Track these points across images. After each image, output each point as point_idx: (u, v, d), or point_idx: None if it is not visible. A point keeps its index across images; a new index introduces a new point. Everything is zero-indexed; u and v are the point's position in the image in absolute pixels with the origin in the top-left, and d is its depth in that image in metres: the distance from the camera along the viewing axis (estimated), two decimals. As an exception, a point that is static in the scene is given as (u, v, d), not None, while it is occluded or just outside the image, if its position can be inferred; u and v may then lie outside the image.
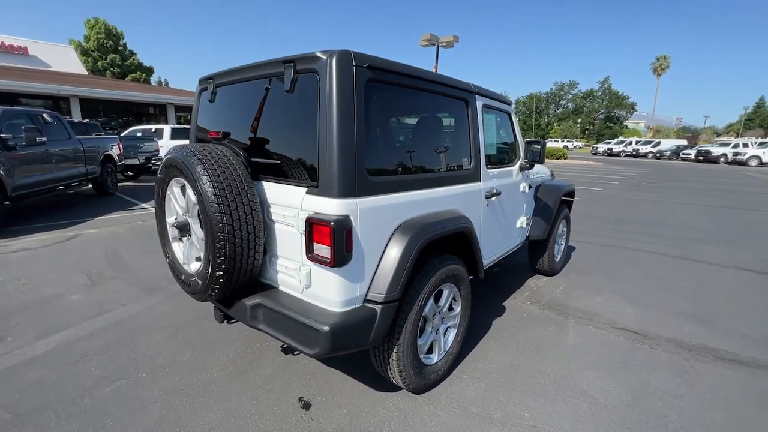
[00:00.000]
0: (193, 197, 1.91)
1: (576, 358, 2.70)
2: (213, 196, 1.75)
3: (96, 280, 3.96)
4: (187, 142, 2.94)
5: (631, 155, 35.89)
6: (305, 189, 1.82)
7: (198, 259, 2.08)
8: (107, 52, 35.86)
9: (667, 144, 34.82)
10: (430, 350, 2.36)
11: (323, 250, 1.71)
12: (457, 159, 2.56)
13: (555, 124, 71.06)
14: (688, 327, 3.16)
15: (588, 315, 3.36)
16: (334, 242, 1.66)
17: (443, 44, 19.28)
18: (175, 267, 2.18)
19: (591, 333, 3.05)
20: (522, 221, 3.51)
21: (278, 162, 1.97)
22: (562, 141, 50.42)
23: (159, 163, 12.22)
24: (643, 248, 5.46)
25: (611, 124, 65.19)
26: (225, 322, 2.35)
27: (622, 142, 38.48)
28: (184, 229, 2.09)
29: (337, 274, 1.77)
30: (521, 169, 3.35)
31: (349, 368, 2.52)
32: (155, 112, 23.94)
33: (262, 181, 2.02)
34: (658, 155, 33.67)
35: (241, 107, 2.25)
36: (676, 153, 32.17)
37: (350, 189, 1.73)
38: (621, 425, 2.06)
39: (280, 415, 2.11)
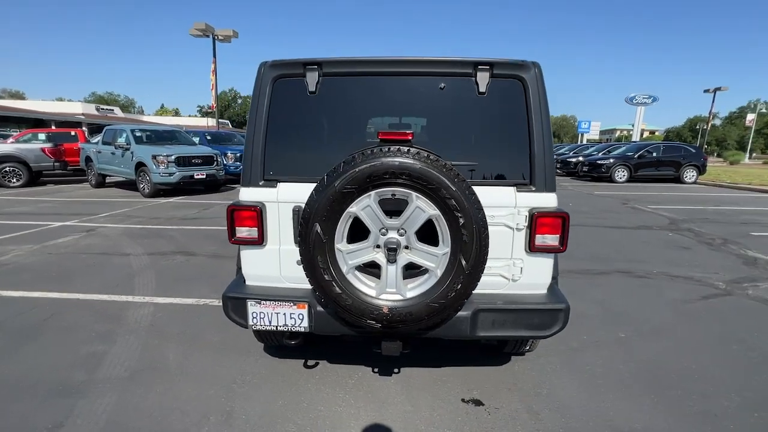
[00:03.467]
0: (429, 209, 1.60)
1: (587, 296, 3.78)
2: (476, 201, 1.60)
3: None
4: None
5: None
6: (514, 188, 1.92)
7: (417, 279, 1.74)
8: None
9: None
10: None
11: (550, 239, 1.91)
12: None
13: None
14: (592, 264, 4.84)
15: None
16: (564, 230, 1.91)
17: (220, 38, 17.72)
18: (359, 308, 1.70)
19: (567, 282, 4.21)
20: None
21: (475, 163, 1.92)
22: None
23: None
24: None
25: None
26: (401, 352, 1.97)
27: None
28: (394, 250, 1.66)
29: (552, 258, 2.00)
30: None
31: (433, 358, 2.63)
32: None
33: None
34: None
35: (387, 104, 1.94)
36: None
37: (554, 185, 1.99)
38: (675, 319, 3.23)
39: (468, 423, 2.07)
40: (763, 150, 60.73)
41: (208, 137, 14.15)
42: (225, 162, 12.41)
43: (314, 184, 1.81)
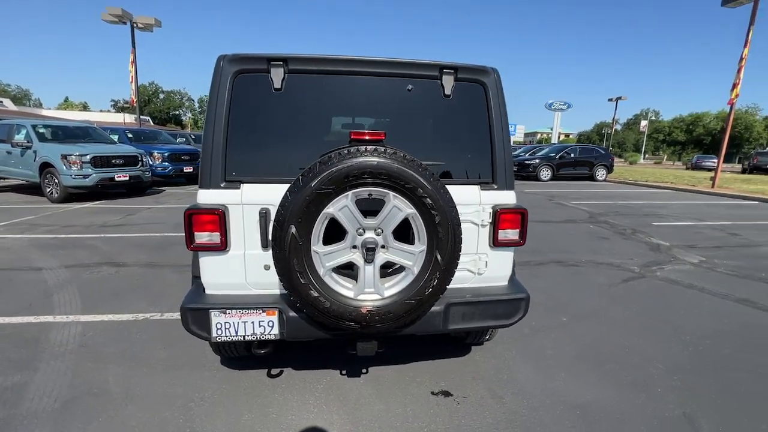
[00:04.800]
0: (406, 208, 1.62)
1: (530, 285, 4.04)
2: (450, 199, 1.66)
3: None
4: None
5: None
6: (478, 186, 2.02)
7: (393, 278, 1.74)
8: None
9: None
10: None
11: (511, 233, 2.05)
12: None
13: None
14: (531, 256, 5.22)
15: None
16: (523, 225, 2.06)
17: (139, 25, 16.14)
18: (338, 310, 1.66)
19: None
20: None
21: (442, 163, 1.98)
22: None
23: None
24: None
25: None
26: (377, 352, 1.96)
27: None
28: (372, 250, 1.64)
29: (512, 252, 2.14)
30: None
31: (399, 355, 2.69)
32: None
33: None
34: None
35: (355, 104, 1.93)
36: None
37: (513, 183, 2.13)
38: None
39: (440, 414, 2.14)
40: (653, 152, 70.66)
41: (129, 135, 12.82)
42: (151, 162, 11.35)
43: (281, 185, 1.77)
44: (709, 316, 3.42)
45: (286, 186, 1.82)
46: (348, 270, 1.83)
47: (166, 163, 12.06)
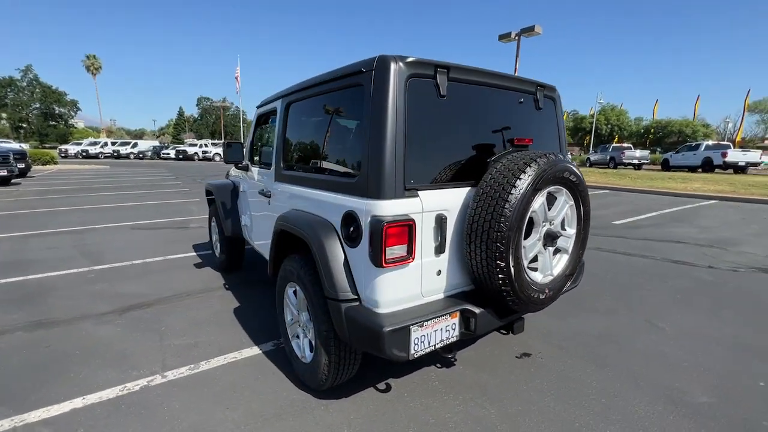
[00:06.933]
0: (569, 200, 1.96)
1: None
2: (587, 190, 2.12)
3: None
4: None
5: (111, 156, 34.97)
6: None
7: (554, 259, 2.06)
8: None
9: (145, 145, 37.13)
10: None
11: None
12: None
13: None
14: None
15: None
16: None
17: None
18: (534, 295, 1.88)
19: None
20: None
21: None
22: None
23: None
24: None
25: (55, 123, 56.73)
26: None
27: (96, 143, 36.09)
28: (552, 238, 1.88)
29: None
30: None
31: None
32: None
33: None
34: (140, 156, 35.27)
35: (490, 112, 2.10)
36: (157, 153, 35.34)
37: None
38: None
39: (540, 369, 2.59)
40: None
41: None
42: None
43: (452, 189, 1.89)
44: (594, 262, 5.02)
45: (456, 190, 1.92)
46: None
47: None
